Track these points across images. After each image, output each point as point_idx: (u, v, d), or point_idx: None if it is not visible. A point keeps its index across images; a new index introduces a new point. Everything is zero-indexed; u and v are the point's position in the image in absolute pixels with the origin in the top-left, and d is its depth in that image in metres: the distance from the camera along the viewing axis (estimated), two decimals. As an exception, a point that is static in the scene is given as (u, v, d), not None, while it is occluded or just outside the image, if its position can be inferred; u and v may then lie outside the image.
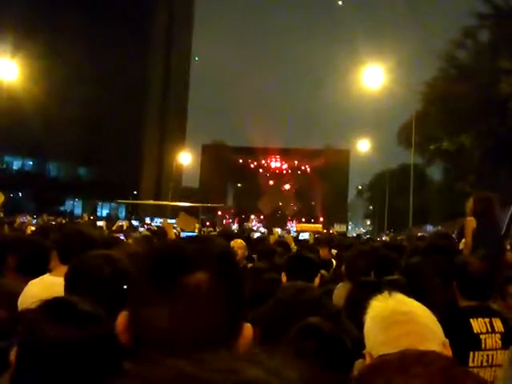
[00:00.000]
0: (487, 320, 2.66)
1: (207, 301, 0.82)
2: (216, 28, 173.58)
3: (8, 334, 1.45)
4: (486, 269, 2.97)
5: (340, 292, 3.67)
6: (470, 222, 4.94)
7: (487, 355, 2.59)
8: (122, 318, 0.88)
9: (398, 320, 1.43)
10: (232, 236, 7.01)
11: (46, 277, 3.02)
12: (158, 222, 30.13)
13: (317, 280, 3.26)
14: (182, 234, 7.43)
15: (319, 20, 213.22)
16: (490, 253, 4.44)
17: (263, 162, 75.42)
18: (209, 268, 0.83)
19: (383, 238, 25.73)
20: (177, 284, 0.81)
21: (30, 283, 2.95)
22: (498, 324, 2.70)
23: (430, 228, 45.74)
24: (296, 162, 74.53)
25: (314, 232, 12.64)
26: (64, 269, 2.77)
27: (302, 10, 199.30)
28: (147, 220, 35.54)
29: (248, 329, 0.89)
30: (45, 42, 48.97)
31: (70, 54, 50.96)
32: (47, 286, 2.82)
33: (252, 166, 75.55)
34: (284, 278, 3.41)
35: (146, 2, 68.69)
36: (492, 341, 2.61)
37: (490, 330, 2.63)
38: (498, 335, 2.65)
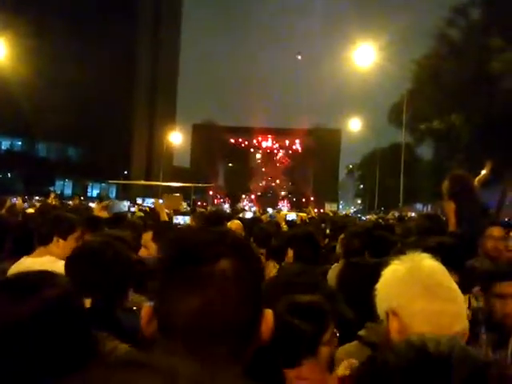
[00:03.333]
0: (466, 297, 2.67)
1: (233, 287, 0.85)
2: (206, 5, 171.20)
3: None
4: (460, 245, 3.02)
5: (335, 272, 3.65)
6: (448, 205, 4.99)
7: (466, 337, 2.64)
8: (146, 310, 0.91)
9: (427, 276, 1.39)
10: (226, 217, 7.04)
11: (24, 259, 3.10)
12: (149, 202, 30.01)
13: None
14: (176, 218, 7.41)
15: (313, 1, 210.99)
16: (468, 231, 4.50)
17: (254, 141, 75.19)
18: (232, 256, 0.87)
19: (367, 217, 25.83)
20: (204, 272, 0.84)
21: (12, 266, 3.02)
22: (473, 300, 2.82)
23: (419, 207, 46.16)
24: (287, 142, 74.43)
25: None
26: (42, 250, 3.13)
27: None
28: (138, 200, 35.39)
29: (269, 314, 0.94)
30: (33, 20, 48.00)
31: (58, 33, 50.18)
32: (25, 267, 2.81)
33: (243, 145, 75.32)
34: (290, 254, 3.57)
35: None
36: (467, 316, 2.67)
37: (466, 306, 2.68)
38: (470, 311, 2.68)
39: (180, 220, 7.14)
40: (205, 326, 0.83)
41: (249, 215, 14.81)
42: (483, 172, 6.02)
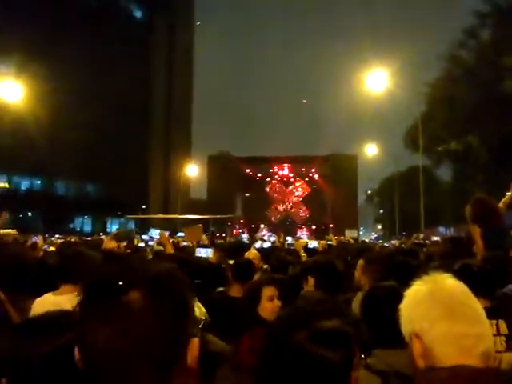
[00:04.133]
0: (493, 322, 2.62)
1: (140, 318, 0.85)
2: (218, 38, 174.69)
3: None
4: (491, 269, 2.97)
5: (358, 300, 3.61)
6: (474, 230, 4.95)
7: (493, 358, 2.54)
8: (77, 346, 0.92)
9: (450, 295, 1.37)
10: (245, 247, 6.93)
11: (48, 296, 3.13)
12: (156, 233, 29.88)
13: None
14: (198, 250, 7.30)
15: (323, 25, 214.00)
16: (496, 254, 4.38)
17: (270, 170, 75.33)
18: (142, 288, 0.87)
19: (392, 242, 25.39)
20: (111, 304, 0.85)
21: (35, 302, 3.08)
22: (503, 326, 2.69)
23: (442, 230, 45.42)
24: (303, 170, 74.38)
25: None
26: (65, 288, 3.10)
27: (306, 15, 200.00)
28: (157, 234, 35.39)
29: (194, 343, 0.93)
30: (48, 63, 49.39)
31: (73, 72, 51.45)
32: (51, 304, 2.87)
33: (259, 175, 75.48)
34: (311, 282, 3.53)
35: (146, 18, 69.67)
36: (497, 343, 2.58)
37: (495, 332, 2.61)
38: (503, 337, 2.65)
39: (203, 253, 7.02)
40: (112, 357, 0.83)
41: (267, 245, 14.66)
42: (508, 194, 5.90)
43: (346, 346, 1.45)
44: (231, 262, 5.44)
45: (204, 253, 6.99)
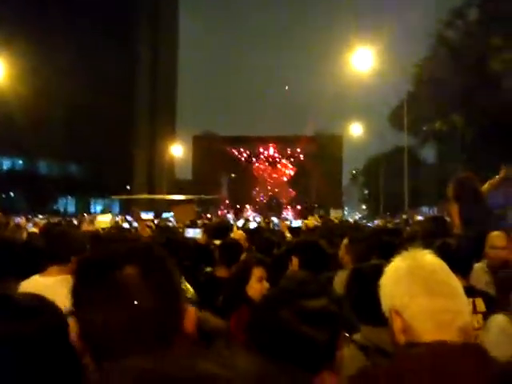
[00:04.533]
0: (470, 300, 2.60)
1: (137, 290, 0.89)
2: (202, 18, 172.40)
3: None
4: (467, 248, 3.05)
5: (340, 279, 3.59)
6: (452, 207, 5.05)
7: (471, 334, 2.55)
8: (72, 325, 0.95)
9: (428, 271, 1.39)
10: (230, 228, 6.92)
11: (37, 277, 3.09)
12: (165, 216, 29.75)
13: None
14: (187, 231, 7.28)
15: (308, 4, 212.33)
16: (474, 232, 4.38)
17: (256, 150, 75.19)
18: (135, 263, 0.92)
19: (375, 222, 25.62)
20: (107, 279, 0.89)
21: (21, 285, 3.00)
22: (480, 304, 2.71)
23: (425, 210, 45.86)
24: (289, 150, 74.36)
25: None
26: (54, 269, 3.07)
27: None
28: (142, 214, 35.25)
29: (191, 312, 0.99)
30: (31, 40, 48.48)
31: (57, 51, 50.55)
32: (39, 287, 2.74)
33: (244, 155, 75.30)
34: (295, 262, 3.51)
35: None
36: (474, 321, 2.59)
37: (471, 310, 2.60)
38: (479, 315, 2.67)
39: (191, 234, 7.01)
40: (113, 330, 0.86)
41: (252, 225, 14.63)
42: (497, 176, 5.91)
43: (332, 324, 1.51)
44: (217, 242, 5.46)
45: (193, 233, 7.00)
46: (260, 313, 1.48)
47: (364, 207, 76.35)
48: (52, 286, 2.86)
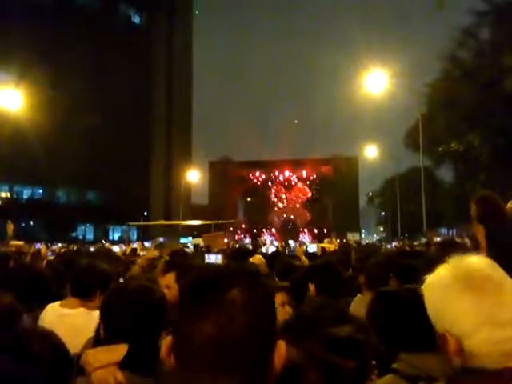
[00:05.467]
0: None
1: (243, 315, 0.90)
2: (217, 46, 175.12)
3: None
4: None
5: (357, 304, 3.65)
6: (478, 229, 4.86)
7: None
8: (166, 343, 0.97)
9: (486, 280, 1.24)
10: (249, 253, 6.91)
11: (59, 308, 3.08)
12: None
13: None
14: (208, 256, 7.32)
15: (322, 27, 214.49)
16: (500, 252, 4.27)
17: (271, 174, 75.30)
18: (242, 286, 0.93)
19: (394, 245, 25.35)
20: (216, 300, 0.91)
21: (46, 312, 3.04)
22: None
23: (444, 231, 45.36)
24: (304, 173, 74.34)
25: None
26: (75, 301, 3.06)
27: (305, 14, 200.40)
28: (160, 240, 35.46)
29: (282, 346, 0.97)
30: (49, 71, 49.53)
31: (74, 80, 51.53)
32: (58, 317, 2.93)
33: (260, 179, 75.43)
34: (312, 288, 3.46)
35: (146, 25, 69.94)
36: None
37: None
38: None
39: (213, 259, 7.05)
40: (217, 352, 0.87)
41: (271, 249, 14.61)
42: None
43: (359, 352, 1.43)
44: None
45: (214, 259, 7.02)
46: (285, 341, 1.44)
47: (382, 229, 75.68)
48: (71, 316, 2.93)
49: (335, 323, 1.50)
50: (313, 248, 10.62)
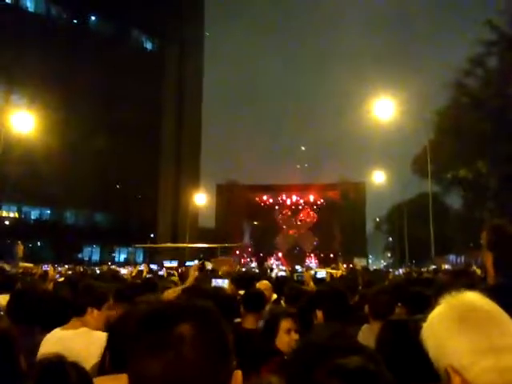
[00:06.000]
0: None
1: (191, 349, 0.88)
2: (225, 72, 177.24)
3: None
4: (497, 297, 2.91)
5: (365, 334, 3.55)
6: (486, 256, 4.61)
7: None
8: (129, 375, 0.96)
9: (483, 315, 1.24)
10: (256, 278, 6.86)
11: (58, 331, 3.08)
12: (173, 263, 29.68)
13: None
14: (215, 281, 7.28)
15: (333, 53, 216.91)
16: (506, 284, 4.25)
17: (278, 198, 75.35)
18: (192, 321, 0.92)
19: (401, 271, 25.16)
20: (163, 335, 0.89)
21: (46, 338, 3.05)
22: None
23: (452, 258, 44.93)
24: (312, 197, 74.34)
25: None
26: (76, 322, 3.08)
27: (314, 40, 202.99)
28: (166, 263, 35.40)
29: (238, 375, 0.97)
30: (60, 94, 50.25)
31: (84, 103, 52.26)
32: (58, 339, 2.94)
33: (267, 203, 75.48)
34: (320, 315, 3.39)
35: (158, 51, 71.03)
36: None
37: None
38: None
39: (220, 283, 6.99)
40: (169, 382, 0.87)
41: (280, 274, 14.45)
42: None
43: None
44: (241, 292, 5.39)
45: (221, 283, 6.97)
46: (293, 374, 1.36)
47: (389, 255, 75.19)
48: (70, 339, 2.94)
49: (348, 353, 1.42)
50: (321, 274, 10.44)
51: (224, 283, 6.85)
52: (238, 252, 67.42)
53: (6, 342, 2.26)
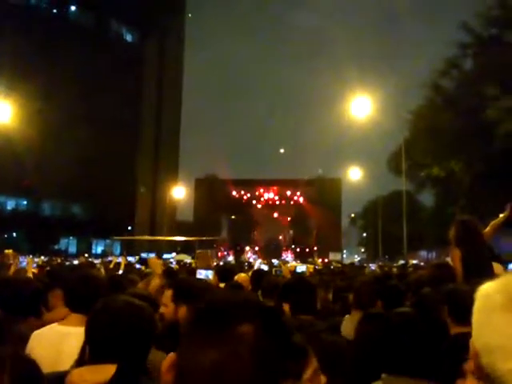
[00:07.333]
0: None
1: (250, 352, 0.84)
2: (206, 65, 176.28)
3: None
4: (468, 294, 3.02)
5: (348, 324, 3.64)
6: (454, 252, 4.83)
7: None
8: (168, 359, 0.99)
9: None
10: (233, 271, 6.93)
11: (55, 326, 2.75)
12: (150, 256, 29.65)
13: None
14: (199, 272, 7.39)
15: (309, 51, 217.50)
16: (477, 279, 4.43)
17: (256, 193, 75.59)
18: (256, 321, 0.87)
19: (372, 268, 25.59)
20: (224, 333, 0.86)
21: (39, 333, 2.70)
22: None
23: (424, 254, 45.91)
24: (289, 193, 74.77)
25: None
26: (75, 318, 2.71)
27: (292, 40, 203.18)
28: (143, 255, 35.42)
29: None
30: (38, 83, 49.53)
31: (63, 94, 51.63)
32: (57, 337, 2.64)
33: (245, 197, 75.66)
34: (286, 308, 3.26)
35: (138, 42, 70.43)
36: None
37: None
38: None
39: (203, 275, 7.05)
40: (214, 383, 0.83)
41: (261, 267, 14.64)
42: (501, 215, 5.54)
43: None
44: (222, 285, 5.56)
45: (204, 274, 6.99)
46: None
47: (362, 250, 76.23)
48: (73, 336, 2.52)
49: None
50: (302, 268, 10.58)
51: (208, 274, 6.97)
52: (215, 245, 67.58)
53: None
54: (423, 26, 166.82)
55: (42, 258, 28.71)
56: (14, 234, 54.04)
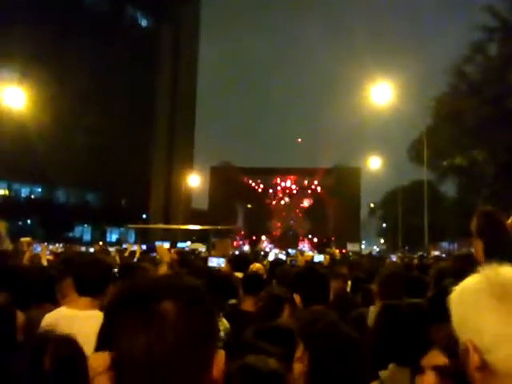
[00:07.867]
0: None
1: (172, 329, 0.85)
2: (223, 48, 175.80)
3: None
4: None
5: (372, 315, 3.47)
6: (477, 244, 4.59)
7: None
8: (99, 360, 0.92)
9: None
10: (249, 260, 6.74)
11: (63, 310, 2.90)
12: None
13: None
14: (210, 259, 7.17)
15: (329, 38, 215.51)
16: None
17: (273, 182, 75.26)
18: (176, 298, 0.89)
19: (393, 259, 25.01)
20: (145, 311, 0.86)
21: (48, 316, 2.85)
22: None
23: (446, 245, 45.13)
24: (306, 181, 74.31)
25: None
26: (84, 301, 2.84)
27: (311, 28, 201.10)
28: (158, 244, 35.28)
29: (220, 355, 0.94)
30: (52, 69, 49.46)
31: (78, 81, 51.48)
32: (65, 320, 2.68)
33: (261, 186, 75.38)
34: (297, 299, 3.17)
35: (152, 27, 70.11)
36: None
37: None
38: None
39: (215, 263, 6.87)
40: (148, 365, 0.84)
41: (271, 257, 14.44)
42: None
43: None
44: (239, 274, 5.40)
45: (216, 262, 6.87)
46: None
47: (382, 241, 75.46)
48: (80, 319, 2.65)
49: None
50: (319, 258, 10.26)
51: (220, 262, 6.74)
52: (230, 235, 67.45)
53: (6, 316, 2.32)
54: (448, 10, 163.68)
55: (57, 245, 28.66)
56: (29, 221, 54.35)
